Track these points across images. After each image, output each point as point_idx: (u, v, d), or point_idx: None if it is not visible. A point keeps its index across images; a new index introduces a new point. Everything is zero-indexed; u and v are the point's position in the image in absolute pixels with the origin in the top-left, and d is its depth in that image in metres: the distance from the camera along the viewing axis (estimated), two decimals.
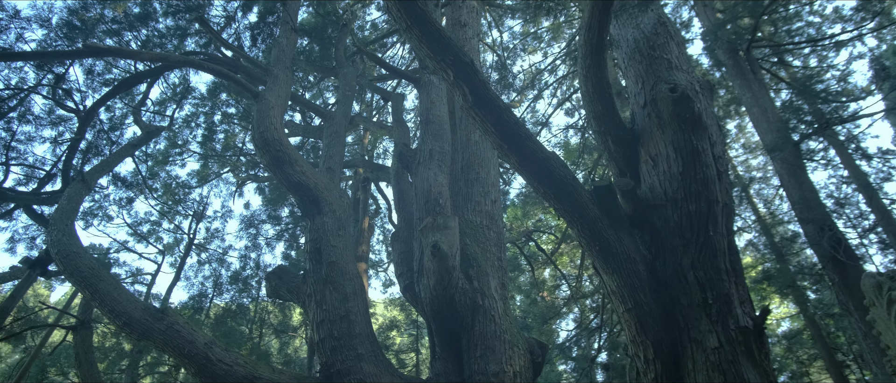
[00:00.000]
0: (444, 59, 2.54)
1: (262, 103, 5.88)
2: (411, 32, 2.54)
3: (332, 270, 5.18)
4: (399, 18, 2.53)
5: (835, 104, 10.96)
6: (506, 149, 2.72)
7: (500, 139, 2.69)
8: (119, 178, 7.92)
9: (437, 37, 2.54)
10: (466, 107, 2.62)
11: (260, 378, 4.44)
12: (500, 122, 2.67)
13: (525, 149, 2.74)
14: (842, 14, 13.92)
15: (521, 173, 2.81)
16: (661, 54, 3.59)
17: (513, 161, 2.76)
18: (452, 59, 2.54)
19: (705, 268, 2.88)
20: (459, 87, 2.57)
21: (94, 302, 4.48)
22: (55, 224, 4.99)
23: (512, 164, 2.79)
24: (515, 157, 2.75)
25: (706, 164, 3.11)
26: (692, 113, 3.18)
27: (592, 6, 3.11)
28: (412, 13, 2.49)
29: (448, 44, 2.56)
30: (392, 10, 2.53)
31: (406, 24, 2.52)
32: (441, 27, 2.60)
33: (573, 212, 2.89)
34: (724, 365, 2.63)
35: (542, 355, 5.35)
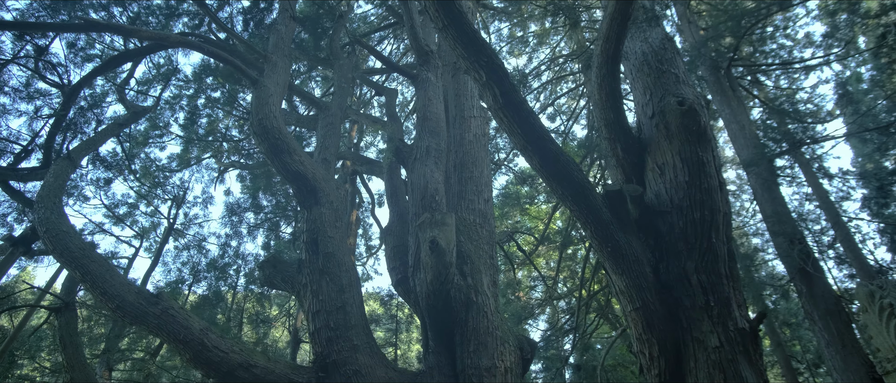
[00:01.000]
0: (477, 61, 2.62)
1: (262, 90, 5.82)
2: (447, 32, 2.61)
3: (328, 261, 5.18)
4: (436, 18, 2.60)
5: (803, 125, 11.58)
6: (530, 150, 2.82)
7: (525, 140, 2.80)
8: (98, 158, 7.65)
9: (473, 38, 2.62)
10: (496, 108, 2.71)
11: (255, 366, 4.41)
12: (527, 125, 2.78)
13: (547, 152, 2.86)
14: (812, 39, 14.71)
15: (542, 174, 2.93)
16: (669, 68, 3.77)
17: (535, 162, 2.87)
18: (486, 61, 2.63)
19: (708, 272, 3.06)
20: (491, 88, 2.66)
21: (85, 283, 4.36)
22: (42, 202, 4.82)
23: (533, 165, 2.90)
24: (538, 159, 2.86)
25: (710, 175, 3.30)
26: (699, 126, 3.37)
27: (611, 19, 3.25)
28: (450, 14, 2.57)
29: (483, 46, 2.64)
30: (429, 10, 2.60)
31: (443, 23, 2.59)
32: (475, 29, 2.68)
33: (588, 214, 3.02)
34: (723, 363, 2.81)
35: (532, 352, 5.49)
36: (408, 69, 7.07)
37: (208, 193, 9.92)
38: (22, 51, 7.43)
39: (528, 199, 15.48)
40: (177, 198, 9.06)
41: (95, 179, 8.08)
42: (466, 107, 7.57)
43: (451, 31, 2.60)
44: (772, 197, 7.73)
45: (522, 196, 15.60)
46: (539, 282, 15.11)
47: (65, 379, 4.68)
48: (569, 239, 12.83)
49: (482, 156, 7.06)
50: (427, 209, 5.89)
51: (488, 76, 2.63)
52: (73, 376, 4.69)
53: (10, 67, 7.30)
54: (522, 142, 2.79)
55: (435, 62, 7.43)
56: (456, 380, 4.95)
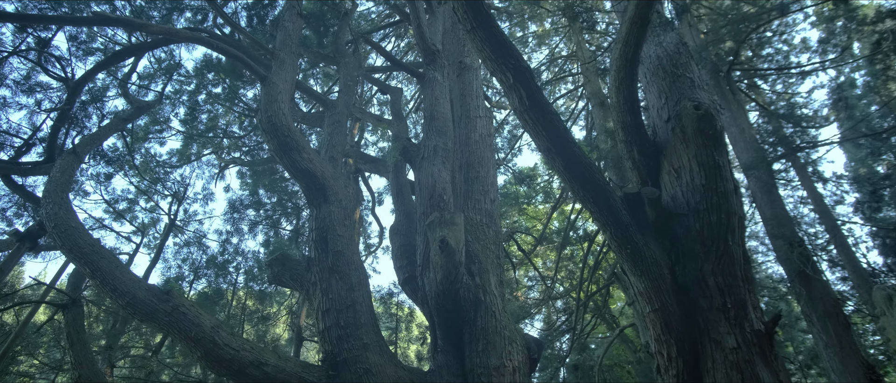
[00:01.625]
0: (505, 63, 2.65)
1: (270, 87, 5.80)
2: (476, 33, 2.63)
3: (338, 260, 5.19)
4: (465, 20, 2.61)
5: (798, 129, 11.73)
6: (553, 152, 2.85)
7: (549, 143, 2.83)
8: (99, 152, 7.57)
9: (501, 40, 2.65)
10: (522, 110, 2.73)
11: (266, 364, 4.41)
12: (552, 127, 2.81)
13: (570, 155, 2.89)
14: (808, 45, 14.90)
15: (564, 176, 2.96)
16: (685, 73, 3.81)
17: (558, 165, 2.90)
18: (513, 62, 2.65)
19: (724, 274, 3.11)
20: (517, 90, 2.69)
21: (95, 280, 4.33)
22: (50, 197, 4.77)
23: (556, 168, 2.93)
24: (561, 161, 2.89)
25: (726, 178, 3.35)
26: (715, 130, 3.42)
27: (631, 23, 3.29)
28: (479, 15, 2.59)
29: (510, 48, 2.66)
30: (458, 11, 2.62)
31: (472, 25, 2.61)
32: (503, 32, 2.70)
33: (608, 216, 3.06)
34: (741, 364, 2.87)
35: (539, 352, 5.53)
36: (414, 67, 7.08)
37: (209, 190, 9.86)
38: (22, 43, 7.35)
39: (526, 199, 15.55)
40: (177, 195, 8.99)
41: (96, 174, 8.01)
42: (472, 107, 7.59)
43: (480, 33, 2.62)
44: (771, 200, 7.84)
45: (520, 196, 15.67)
46: (536, 282, 15.19)
47: (72, 376, 4.65)
48: (567, 239, 12.90)
49: (488, 156, 7.08)
50: (435, 208, 5.90)
51: (515, 78, 2.66)
52: (82, 373, 4.65)
53: (11, 60, 7.21)
54: (546, 144, 2.82)
55: (441, 61, 7.45)
56: (465, 379, 4.98)
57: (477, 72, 8.32)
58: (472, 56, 8.56)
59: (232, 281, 9.52)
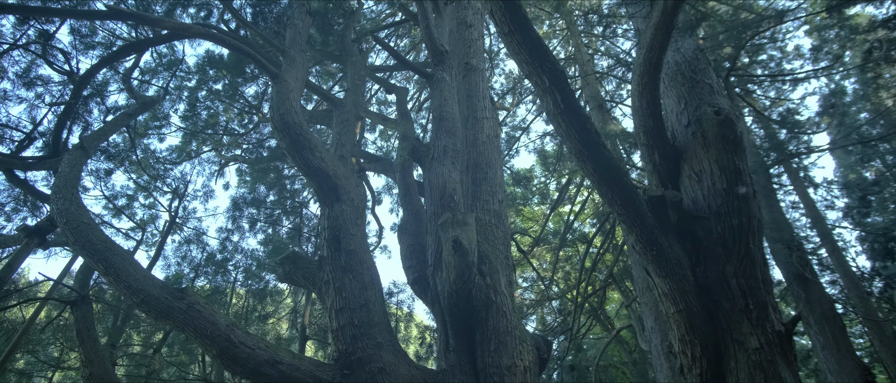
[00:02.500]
0: (541, 66, 2.69)
1: (282, 85, 5.78)
2: (513, 37, 2.67)
3: (351, 258, 5.19)
4: (502, 23, 2.65)
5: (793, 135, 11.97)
6: (585, 155, 2.90)
7: (581, 145, 2.87)
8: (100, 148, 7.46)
9: (537, 44, 2.69)
10: (556, 113, 2.78)
11: (281, 362, 4.40)
12: (584, 130, 2.85)
13: (601, 157, 2.94)
14: (801, 52, 15.21)
15: (594, 178, 3.01)
16: (703, 79, 3.89)
17: (589, 167, 2.95)
18: (549, 66, 2.69)
19: (746, 276, 3.19)
20: (552, 93, 2.73)
21: (108, 277, 4.29)
22: (60, 192, 4.71)
23: (587, 170, 2.98)
24: (592, 164, 2.94)
25: (745, 183, 3.43)
26: (735, 135, 3.50)
27: (656, 29, 3.35)
28: (516, 19, 2.62)
29: (546, 52, 2.71)
30: (495, 14, 2.65)
31: (509, 28, 2.64)
32: (539, 35, 2.74)
33: (635, 218, 3.11)
34: (764, 364, 2.94)
35: (548, 352, 5.58)
36: (422, 67, 7.10)
37: (209, 187, 9.77)
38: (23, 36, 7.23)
39: (523, 201, 15.64)
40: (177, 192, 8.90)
41: (96, 170, 7.90)
42: (479, 109, 7.63)
43: (517, 36, 2.65)
44: (770, 204, 7.99)
45: (517, 197, 15.75)
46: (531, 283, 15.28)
47: (83, 374, 4.58)
48: (565, 241, 13.01)
49: (495, 158, 7.13)
50: (446, 209, 5.93)
51: (551, 81, 2.70)
52: (93, 371, 4.57)
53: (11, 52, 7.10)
54: (578, 147, 2.87)
55: (449, 62, 7.47)
56: (476, 379, 5.01)
57: (482, 73, 8.37)
58: (478, 57, 8.59)
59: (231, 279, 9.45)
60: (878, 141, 12.05)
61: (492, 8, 2.66)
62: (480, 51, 8.85)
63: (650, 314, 9.48)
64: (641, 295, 9.88)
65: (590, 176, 2.99)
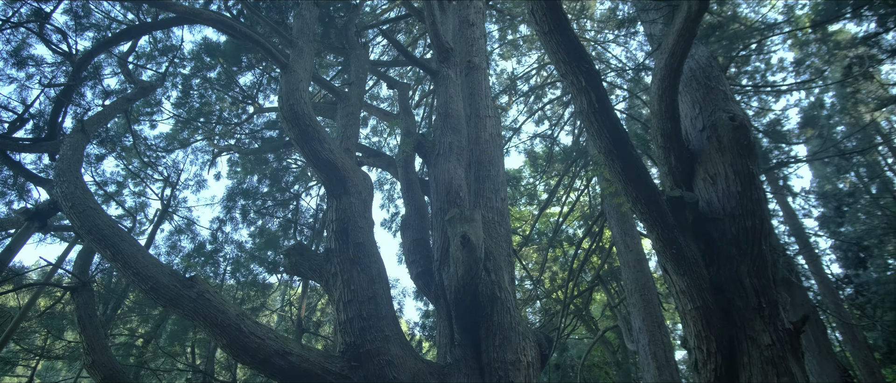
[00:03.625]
0: (578, 66, 2.76)
1: (291, 75, 5.74)
2: (552, 36, 2.73)
3: (359, 251, 5.19)
4: (542, 22, 2.71)
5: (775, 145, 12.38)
6: (614, 154, 2.99)
7: (611, 145, 2.96)
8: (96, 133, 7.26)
9: (576, 44, 2.76)
10: (589, 113, 2.85)
11: (291, 353, 4.38)
12: (615, 130, 2.94)
13: (630, 158, 3.03)
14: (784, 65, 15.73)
15: (621, 177, 3.10)
16: (717, 86, 4.03)
17: (617, 166, 3.03)
18: (586, 67, 2.77)
19: (759, 276, 3.33)
20: (587, 93, 2.80)
21: (116, 263, 4.21)
22: (63, 175, 4.58)
23: (615, 169, 3.07)
24: (620, 163, 3.03)
25: (758, 187, 3.57)
26: (748, 140, 3.64)
27: (678, 35, 3.46)
28: (557, 20, 2.69)
29: (583, 53, 2.78)
30: (536, 14, 2.71)
31: (549, 27, 2.71)
32: (577, 36, 2.81)
33: (657, 217, 3.22)
34: (775, 360, 3.07)
35: (549, 348, 5.67)
36: (428, 63, 7.13)
37: (201, 176, 9.59)
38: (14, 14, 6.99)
39: (512, 201, 15.77)
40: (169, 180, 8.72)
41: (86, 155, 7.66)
42: (481, 107, 7.69)
43: (556, 36, 2.72)
44: None
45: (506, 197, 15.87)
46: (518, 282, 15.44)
47: (86, 361, 4.46)
48: (554, 242, 13.19)
49: (497, 156, 7.20)
50: (452, 205, 5.98)
51: (587, 81, 2.77)
52: (95, 359, 4.44)
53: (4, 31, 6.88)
54: (609, 147, 2.95)
55: (454, 59, 7.52)
56: (481, 373, 5.08)
57: (484, 71, 8.43)
58: (480, 56, 8.66)
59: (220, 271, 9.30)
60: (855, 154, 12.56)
61: (533, 7, 2.71)
62: (483, 49, 8.92)
63: (638, 315, 9.70)
64: (630, 296, 10.10)
65: (616, 175, 3.08)
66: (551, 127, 16.30)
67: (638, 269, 10.19)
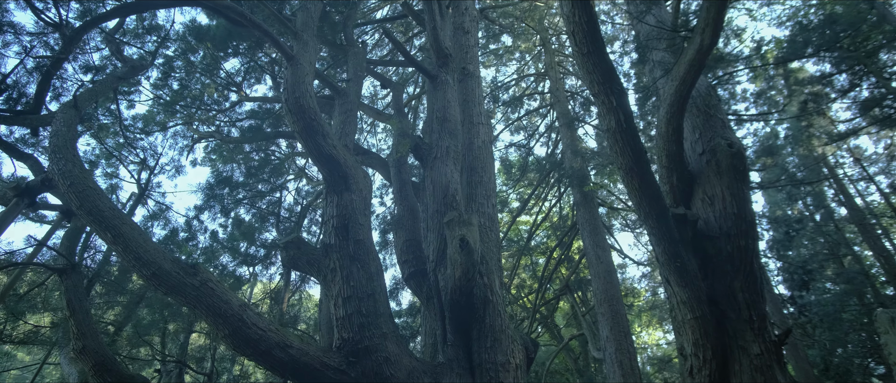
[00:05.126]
0: (610, 87, 2.96)
1: (297, 68, 5.72)
2: (589, 58, 2.92)
3: (359, 248, 5.24)
4: (581, 44, 2.89)
5: None
6: (635, 172, 3.21)
7: (633, 163, 3.18)
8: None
9: (610, 66, 2.96)
10: (617, 131, 3.06)
11: (291, 346, 4.39)
12: (637, 149, 3.16)
13: (648, 176, 3.26)
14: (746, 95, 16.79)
15: (638, 193, 3.32)
16: (716, 114, 4.35)
17: (635, 183, 3.26)
18: (618, 89, 2.97)
19: (750, 291, 3.63)
20: (616, 113, 3.01)
21: (117, 247, 4.09)
22: (60, 152, 4.40)
23: (633, 185, 3.29)
24: (639, 180, 3.25)
25: (751, 209, 3.89)
26: (744, 166, 3.96)
27: (689, 65, 3.74)
28: (595, 42, 2.88)
29: (616, 75, 2.98)
30: (577, 35, 2.89)
31: (588, 49, 2.89)
32: (611, 60, 3.02)
33: (664, 232, 3.47)
34: (763, 368, 3.37)
35: (534, 351, 5.89)
36: (428, 68, 7.23)
37: (179, 162, 9.28)
38: None
39: None
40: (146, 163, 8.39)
41: None
42: (475, 114, 7.87)
43: (593, 58, 2.91)
44: None
45: None
46: None
47: (76, 347, 4.25)
48: (524, 249, 13.51)
49: (489, 162, 7.39)
50: (449, 208, 6.11)
51: (617, 102, 2.98)
52: (86, 344, 4.23)
53: None
54: (631, 164, 3.17)
55: (453, 65, 7.66)
56: (472, 373, 5.22)
57: (478, 79, 8.62)
58: (474, 63, 8.84)
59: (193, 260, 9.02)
60: (807, 184, 13.55)
61: (574, 29, 2.90)
62: (476, 57, 9.11)
63: (607, 324, 10.11)
64: (599, 305, 10.51)
65: (634, 191, 3.31)
66: (527, 137, 16.70)
67: (608, 281, 10.62)
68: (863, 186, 16.96)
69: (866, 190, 17.19)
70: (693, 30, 3.80)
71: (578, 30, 2.88)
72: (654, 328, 19.15)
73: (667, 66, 4.36)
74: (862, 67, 11.77)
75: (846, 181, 16.34)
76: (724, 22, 3.66)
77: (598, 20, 2.89)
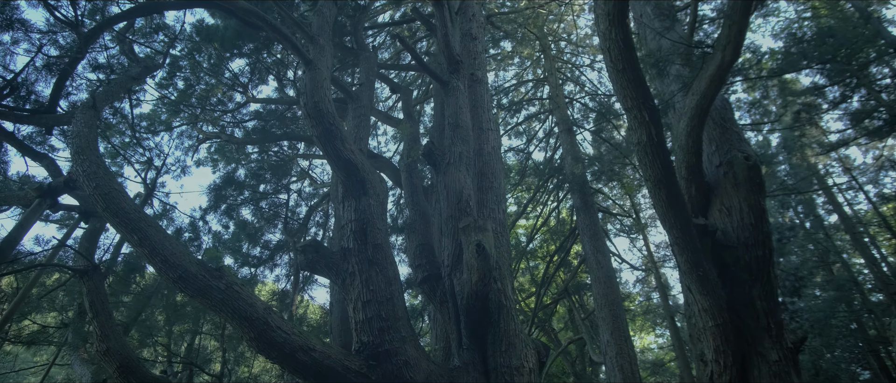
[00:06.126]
0: (643, 103, 3.07)
1: (316, 72, 5.77)
2: (624, 74, 3.03)
3: (378, 253, 5.30)
4: (617, 60, 3.00)
5: None
6: (662, 184, 3.32)
7: (661, 175, 3.29)
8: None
9: (643, 83, 3.07)
10: (648, 145, 3.17)
11: (314, 349, 4.43)
12: (666, 163, 3.28)
13: (674, 188, 3.38)
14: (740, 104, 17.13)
15: (665, 205, 3.44)
16: (732, 127, 4.50)
17: (663, 194, 3.37)
18: (650, 104, 3.08)
19: (767, 299, 3.76)
20: (648, 127, 3.12)
21: (143, 249, 4.10)
22: (83, 154, 4.41)
23: (660, 197, 3.40)
24: (666, 192, 3.37)
25: (767, 220, 4.03)
26: (761, 178, 4.10)
27: (710, 80, 3.87)
28: (630, 59, 2.99)
29: (648, 92, 3.10)
30: (612, 51, 3.00)
31: (623, 65, 3.00)
32: (643, 76, 3.13)
33: (688, 242, 3.58)
34: (781, 374, 3.50)
35: (546, 355, 5.99)
36: (440, 74, 7.32)
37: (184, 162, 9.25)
38: None
39: None
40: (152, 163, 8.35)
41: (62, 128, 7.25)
42: (484, 120, 7.96)
43: (628, 74, 3.02)
44: None
45: None
46: None
47: (99, 349, 4.23)
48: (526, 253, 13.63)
49: (498, 168, 7.48)
50: (463, 213, 6.19)
51: (650, 117, 3.09)
52: (109, 346, 4.21)
53: None
54: (659, 177, 3.28)
55: (464, 71, 7.74)
56: (487, 376, 5.31)
57: (486, 85, 8.72)
58: (482, 69, 8.94)
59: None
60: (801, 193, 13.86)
61: (609, 46, 3.01)
62: (484, 63, 9.21)
63: (607, 329, 10.26)
64: (599, 310, 10.66)
65: (661, 202, 3.42)
66: (526, 142, 16.87)
67: (608, 286, 10.77)
68: (851, 195, 17.38)
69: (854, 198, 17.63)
70: (714, 46, 3.94)
71: (614, 47, 2.99)
72: (647, 332, 19.39)
73: (684, 80, 4.49)
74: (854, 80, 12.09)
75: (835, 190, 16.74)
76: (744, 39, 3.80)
77: (632, 39, 3.00)
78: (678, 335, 14.56)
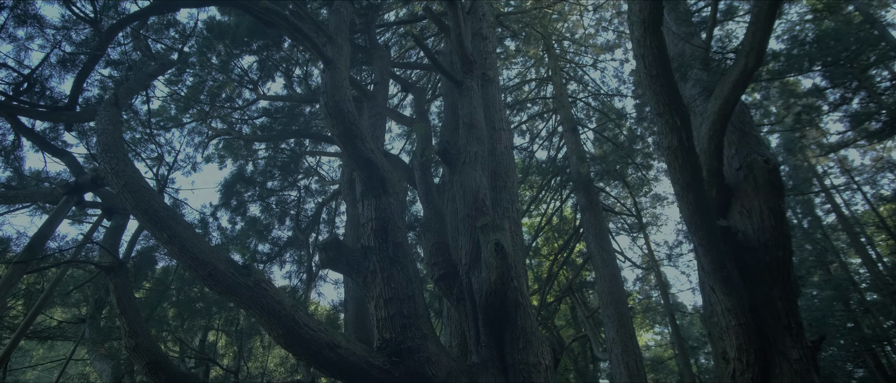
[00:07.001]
0: (676, 108, 3.15)
1: (336, 71, 5.81)
2: (658, 80, 3.11)
3: (398, 251, 5.36)
4: (651, 66, 3.08)
5: None
6: (690, 187, 3.41)
7: (690, 179, 3.38)
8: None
9: (675, 89, 3.15)
10: (678, 149, 3.26)
11: (340, 346, 4.49)
12: (694, 167, 3.36)
13: (700, 192, 3.47)
14: None
15: (691, 208, 3.53)
16: (751, 131, 4.59)
17: (690, 198, 3.46)
18: (682, 110, 3.17)
19: (787, 299, 3.87)
20: (679, 132, 3.21)
21: (173, 247, 4.15)
22: (110, 151, 4.44)
23: (687, 200, 3.49)
24: (693, 196, 3.45)
25: (786, 222, 4.13)
26: (780, 182, 4.20)
27: (733, 86, 3.96)
28: (663, 66, 3.06)
29: (680, 98, 3.18)
30: (647, 58, 3.07)
31: (657, 72, 3.08)
32: (676, 82, 3.21)
33: (712, 243, 3.68)
34: (802, 372, 3.61)
35: (560, 353, 6.10)
36: (454, 74, 7.37)
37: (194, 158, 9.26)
38: None
39: None
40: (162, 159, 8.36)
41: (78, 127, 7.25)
42: (497, 120, 8.04)
43: (661, 80, 3.10)
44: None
45: None
46: None
47: (128, 345, 4.27)
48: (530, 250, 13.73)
49: (511, 168, 7.56)
50: (479, 212, 6.26)
51: (681, 122, 3.18)
52: (138, 342, 4.24)
53: None
54: (688, 180, 3.37)
55: (477, 71, 7.80)
56: (505, 373, 5.40)
57: (497, 84, 8.79)
58: (493, 69, 9.01)
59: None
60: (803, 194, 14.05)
61: (644, 52, 3.08)
62: (495, 63, 9.27)
63: (612, 326, 10.39)
64: (605, 308, 10.78)
65: (688, 205, 3.51)
66: (529, 141, 16.95)
67: (613, 284, 10.89)
68: (849, 196, 17.62)
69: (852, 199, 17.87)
70: (737, 52, 4.02)
71: (649, 54, 3.06)
72: (646, 330, 19.58)
73: (704, 85, 4.58)
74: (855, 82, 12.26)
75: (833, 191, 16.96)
76: (767, 46, 3.88)
77: (666, 46, 3.08)
78: (678, 333, 14.73)
